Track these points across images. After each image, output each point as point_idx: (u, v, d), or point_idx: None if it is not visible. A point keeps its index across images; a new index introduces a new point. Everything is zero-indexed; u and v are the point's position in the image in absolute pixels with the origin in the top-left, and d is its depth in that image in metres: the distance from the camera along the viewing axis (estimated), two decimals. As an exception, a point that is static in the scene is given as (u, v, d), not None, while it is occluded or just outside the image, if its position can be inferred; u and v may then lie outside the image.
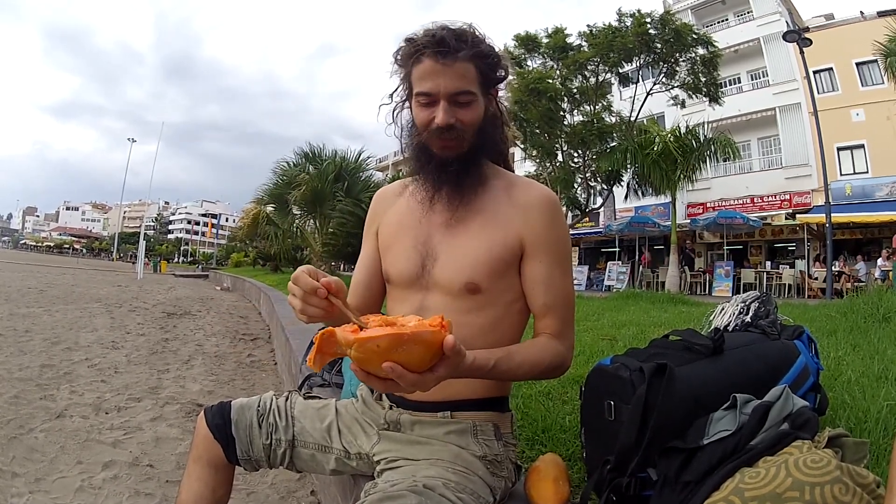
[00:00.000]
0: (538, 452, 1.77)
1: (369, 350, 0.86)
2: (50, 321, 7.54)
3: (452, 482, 1.12)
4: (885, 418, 1.78)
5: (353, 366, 0.91)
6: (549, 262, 1.25)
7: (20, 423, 3.27)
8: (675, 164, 16.39)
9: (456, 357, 0.92)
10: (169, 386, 4.48)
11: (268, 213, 19.28)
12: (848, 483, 0.90)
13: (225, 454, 1.36)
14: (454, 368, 0.95)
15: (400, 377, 0.88)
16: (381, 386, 0.93)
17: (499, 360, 1.12)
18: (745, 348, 1.55)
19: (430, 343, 0.88)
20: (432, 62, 1.18)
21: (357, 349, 0.86)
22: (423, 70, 1.19)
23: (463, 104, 1.21)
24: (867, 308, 4.35)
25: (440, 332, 0.88)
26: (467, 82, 1.20)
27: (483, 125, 1.25)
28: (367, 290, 1.42)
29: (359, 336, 0.86)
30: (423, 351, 0.88)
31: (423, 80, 1.20)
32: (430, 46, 1.17)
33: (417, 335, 0.86)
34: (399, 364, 0.87)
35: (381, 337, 0.85)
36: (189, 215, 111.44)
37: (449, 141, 1.22)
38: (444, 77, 1.18)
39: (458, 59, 1.17)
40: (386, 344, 0.85)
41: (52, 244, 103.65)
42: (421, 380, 0.90)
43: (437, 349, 0.89)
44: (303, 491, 2.71)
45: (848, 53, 20.92)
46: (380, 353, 0.85)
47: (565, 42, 19.38)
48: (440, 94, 1.19)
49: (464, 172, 1.25)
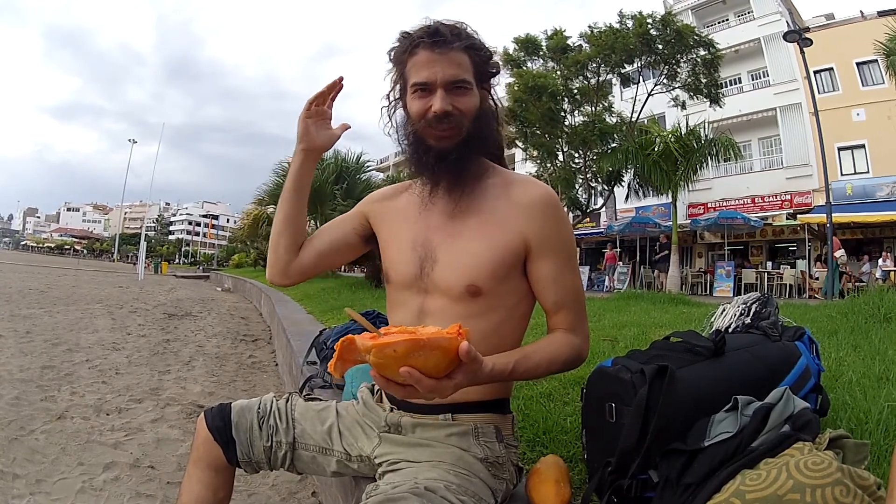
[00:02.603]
0: (539, 454, 1.77)
1: (387, 355, 0.88)
2: (51, 322, 7.54)
3: (454, 484, 1.12)
4: (885, 419, 1.77)
5: (373, 372, 0.93)
6: (557, 260, 1.25)
7: (21, 425, 3.27)
8: (676, 165, 16.41)
9: (473, 363, 0.94)
10: (170, 387, 4.48)
11: (269, 213, 19.30)
12: (849, 485, 0.90)
13: (225, 456, 1.36)
14: (472, 375, 0.97)
15: (418, 382, 0.90)
16: (401, 392, 0.95)
17: (517, 363, 1.13)
18: (746, 350, 1.55)
19: (447, 349, 0.90)
20: (428, 52, 1.20)
21: (375, 355, 0.88)
22: (419, 61, 1.21)
23: (459, 92, 1.22)
24: (868, 308, 4.34)
25: (456, 339, 0.91)
26: (463, 70, 1.22)
27: (479, 115, 1.25)
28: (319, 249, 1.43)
29: (377, 342, 0.88)
30: (440, 356, 0.91)
31: (419, 71, 1.22)
32: (425, 37, 1.20)
33: (434, 341, 0.89)
34: (417, 369, 0.89)
35: (399, 342, 0.87)
36: (190, 216, 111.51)
37: (446, 129, 1.22)
38: (440, 65, 1.20)
39: (452, 49, 1.20)
40: (403, 349, 0.88)
41: (52, 245, 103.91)
42: (439, 385, 0.93)
43: (453, 355, 0.91)
44: (304, 492, 2.71)
45: (848, 53, 20.91)
46: (397, 358, 0.88)
47: (565, 43, 19.40)
48: (437, 82, 1.20)
49: (462, 162, 1.24)
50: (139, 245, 31.15)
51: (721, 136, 16.88)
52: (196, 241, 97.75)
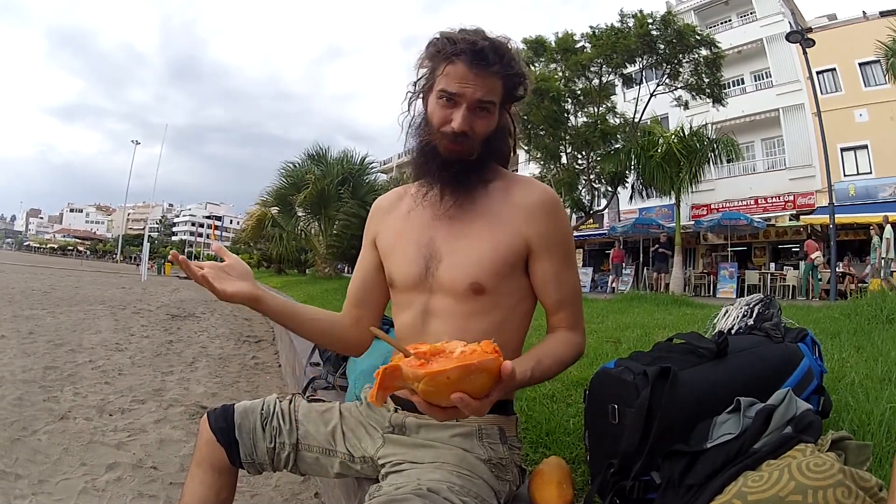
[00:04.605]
0: (542, 455, 1.77)
1: (440, 383, 0.87)
2: (53, 323, 7.56)
3: (457, 485, 1.12)
4: (888, 420, 1.77)
5: (418, 398, 0.91)
6: (557, 260, 1.28)
7: (24, 425, 3.27)
8: (679, 166, 16.41)
9: (510, 381, 0.95)
10: (173, 388, 4.49)
11: (272, 214, 19.35)
12: (850, 486, 0.90)
13: (228, 458, 1.36)
14: (506, 390, 0.98)
15: (466, 406, 0.90)
16: (443, 415, 0.95)
17: (534, 370, 1.15)
18: (749, 351, 1.55)
19: (493, 371, 0.90)
20: (466, 68, 1.18)
21: (427, 383, 0.87)
22: (455, 72, 1.20)
23: (482, 115, 1.22)
24: (871, 309, 4.33)
25: (499, 359, 0.91)
26: (492, 94, 1.21)
27: (492, 135, 1.26)
28: (361, 298, 1.44)
29: (429, 370, 0.87)
30: (487, 378, 0.90)
31: (451, 81, 1.20)
32: (467, 53, 1.18)
33: (483, 364, 0.89)
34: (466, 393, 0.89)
35: (452, 370, 0.87)
36: (193, 217, 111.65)
37: (458, 146, 1.22)
38: (473, 85, 1.19)
39: (490, 73, 1.19)
40: (456, 376, 0.87)
41: (55, 246, 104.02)
42: (481, 405, 0.93)
43: (497, 375, 0.91)
44: (307, 493, 2.71)
45: (851, 54, 20.90)
46: (450, 384, 0.87)
47: (573, 45, 19.41)
48: (465, 99, 1.20)
49: (465, 174, 1.26)
50: (142, 246, 31.18)
51: (723, 137, 16.88)
52: (199, 243, 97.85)
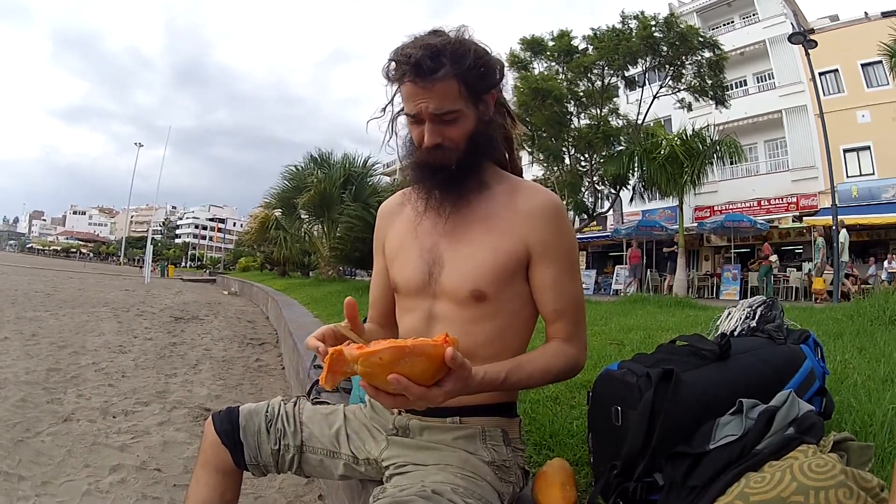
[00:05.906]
0: (546, 457, 1.77)
1: (374, 363, 0.89)
2: (57, 325, 7.59)
3: (461, 487, 1.12)
4: (890, 421, 1.77)
5: (362, 382, 0.94)
6: (557, 268, 1.25)
7: (27, 427, 3.29)
8: (682, 168, 16.38)
9: (461, 370, 0.95)
10: (176, 390, 4.50)
11: (276, 217, 19.38)
12: (852, 487, 0.90)
13: (233, 459, 1.36)
14: (463, 383, 0.97)
15: (406, 389, 0.90)
16: (390, 401, 0.96)
17: (510, 373, 1.13)
18: (752, 353, 1.56)
19: (433, 356, 0.91)
20: (412, 85, 1.17)
21: (362, 363, 0.90)
22: (406, 93, 1.19)
23: (449, 122, 1.20)
24: (873, 311, 4.33)
25: (441, 346, 0.91)
26: (450, 101, 1.17)
27: (474, 134, 1.23)
28: (385, 304, 1.45)
29: (363, 351, 0.90)
30: (426, 363, 0.91)
31: (407, 102, 1.20)
32: (409, 71, 1.16)
33: (418, 347, 0.90)
34: (405, 376, 0.90)
35: (384, 350, 0.89)
36: (196, 220, 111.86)
37: (439, 158, 1.22)
38: (425, 99, 1.17)
39: (437, 81, 1.15)
40: (389, 357, 0.89)
41: (58, 248, 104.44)
42: (428, 393, 0.93)
43: (440, 362, 0.92)
44: (310, 495, 2.72)
45: (853, 55, 20.90)
46: (384, 365, 0.89)
47: (570, 45, 19.40)
48: (423, 115, 1.18)
49: (456, 177, 1.24)
50: (145, 248, 31.23)
51: (726, 139, 16.86)
52: (203, 245, 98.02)
